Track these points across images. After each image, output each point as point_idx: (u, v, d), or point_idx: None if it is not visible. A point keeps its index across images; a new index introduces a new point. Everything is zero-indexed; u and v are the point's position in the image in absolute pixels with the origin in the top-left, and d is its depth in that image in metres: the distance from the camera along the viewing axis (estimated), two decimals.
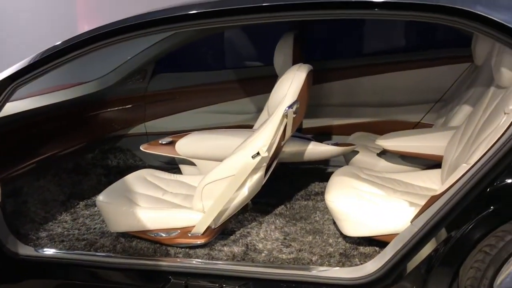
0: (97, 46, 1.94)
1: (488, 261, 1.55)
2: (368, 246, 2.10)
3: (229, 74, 3.51)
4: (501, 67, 1.80)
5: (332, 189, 2.09)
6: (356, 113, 3.13)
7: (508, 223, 1.53)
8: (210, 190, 2.05)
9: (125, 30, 1.90)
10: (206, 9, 1.82)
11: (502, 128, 1.63)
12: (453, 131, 2.27)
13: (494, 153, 1.57)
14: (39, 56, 1.99)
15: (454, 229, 1.62)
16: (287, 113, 1.98)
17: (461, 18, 1.59)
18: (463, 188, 1.61)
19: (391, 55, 3.16)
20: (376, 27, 3.17)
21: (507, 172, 1.55)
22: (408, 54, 3.11)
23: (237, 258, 2.11)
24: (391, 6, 1.69)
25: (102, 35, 1.91)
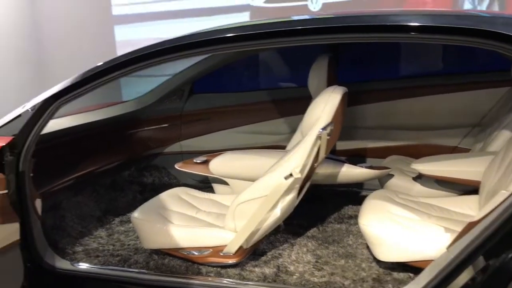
0: (136, 67, 2.01)
1: None
2: (402, 271, 2.05)
3: (263, 95, 3.55)
4: None
5: (366, 213, 2.06)
6: (391, 136, 3.10)
7: None
8: (242, 210, 2.07)
9: (162, 53, 1.96)
10: (243, 32, 1.87)
11: None
12: (492, 156, 2.22)
13: None
14: (81, 76, 2.08)
15: (492, 257, 1.57)
16: (320, 135, 1.99)
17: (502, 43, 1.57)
18: (502, 215, 1.56)
19: (429, 78, 3.12)
20: (413, 49, 3.15)
21: None
22: (447, 77, 3.06)
23: (268, 279, 2.10)
24: (430, 30, 1.68)
25: (141, 57, 1.98)
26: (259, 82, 3.74)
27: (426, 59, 3.20)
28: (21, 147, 2.09)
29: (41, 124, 2.11)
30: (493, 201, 1.68)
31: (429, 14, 1.91)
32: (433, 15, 1.86)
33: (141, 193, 3.28)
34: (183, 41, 1.96)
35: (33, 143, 2.11)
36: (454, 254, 1.65)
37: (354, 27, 1.77)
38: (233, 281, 2.07)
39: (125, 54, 2.02)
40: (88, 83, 2.06)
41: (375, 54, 3.20)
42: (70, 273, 2.20)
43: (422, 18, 1.78)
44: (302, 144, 2.02)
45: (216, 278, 2.10)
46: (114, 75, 2.03)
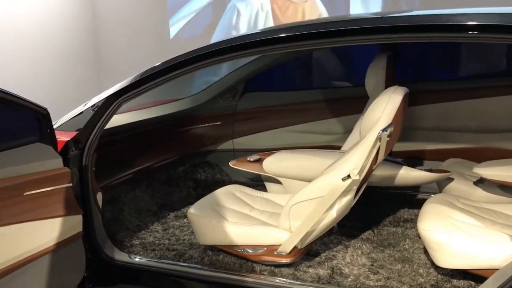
0: (194, 67, 2.04)
1: None
2: (462, 279, 1.98)
3: (317, 94, 3.52)
4: None
5: (425, 217, 2.01)
6: (451, 138, 2.99)
7: None
8: (297, 210, 2.06)
9: (219, 52, 1.98)
10: (297, 33, 1.86)
11: None
12: None
13: None
14: (141, 75, 2.14)
15: None
16: (380, 136, 1.95)
17: None
18: None
19: (490, 79, 2.99)
20: (475, 49, 3.03)
21: None
22: (509, 79, 2.92)
23: (322, 281, 2.08)
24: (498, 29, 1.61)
25: (197, 58, 2.01)
26: (312, 81, 3.71)
27: (487, 60, 3.07)
28: (85, 142, 2.18)
29: (104, 121, 2.20)
30: None
31: (494, 13, 1.83)
32: (499, 14, 1.78)
33: (194, 189, 3.34)
34: (240, 41, 1.98)
35: (96, 139, 2.19)
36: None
37: (414, 27, 1.72)
38: (287, 280, 2.07)
39: (184, 54, 2.06)
40: (148, 82, 2.12)
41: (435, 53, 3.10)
42: (128, 265, 2.27)
43: (490, 17, 1.71)
44: (361, 145, 1.98)
45: (270, 276, 2.11)
46: (172, 74, 2.08)
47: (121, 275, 2.31)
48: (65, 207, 2.00)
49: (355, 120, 3.00)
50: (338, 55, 3.51)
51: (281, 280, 2.06)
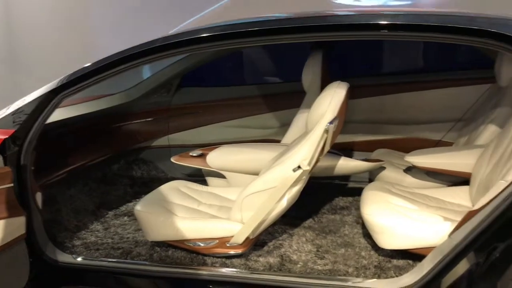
0: (126, 66, 2.04)
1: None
2: (401, 259, 2.16)
3: (252, 89, 3.60)
4: None
5: (367, 203, 2.16)
6: (379, 130, 3.22)
7: None
8: (250, 201, 2.12)
9: (153, 51, 1.99)
10: (234, 30, 1.94)
11: None
12: (481, 149, 2.36)
13: None
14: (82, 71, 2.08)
15: (493, 243, 1.68)
16: (328, 129, 2.06)
17: (503, 43, 1.68)
18: (502, 203, 1.68)
19: (414, 74, 3.26)
20: (402, 47, 3.28)
21: None
22: (432, 74, 3.21)
23: (273, 268, 2.16)
24: (422, 29, 1.79)
25: (131, 56, 2.00)
26: (247, 76, 3.79)
27: (412, 57, 3.33)
28: (23, 140, 2.07)
29: (44, 118, 2.11)
30: (493, 191, 1.80)
31: (421, 14, 2.03)
32: (426, 15, 1.98)
33: (131, 187, 3.28)
34: (173, 40, 1.99)
35: (35, 136, 2.10)
36: (457, 241, 1.77)
37: (346, 26, 1.88)
38: (240, 270, 2.12)
39: (116, 53, 2.04)
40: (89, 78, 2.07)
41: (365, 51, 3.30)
42: (72, 266, 2.20)
43: (418, 18, 1.90)
44: (310, 137, 2.09)
45: (224, 268, 2.15)
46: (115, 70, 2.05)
47: (66, 277, 2.23)
48: (7, 208, 1.89)
49: (290, 115, 3.12)
50: (271, 51, 3.61)
51: (236, 270, 2.12)
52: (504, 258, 1.68)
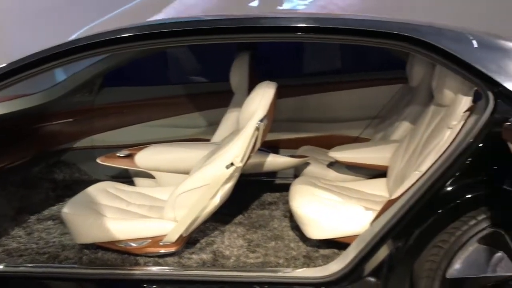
0: (47, 67, 1.98)
1: (442, 254, 1.80)
2: (327, 248, 2.29)
3: (178, 89, 3.60)
4: (443, 89, 2.10)
5: (296, 196, 2.27)
6: (303, 129, 3.36)
7: (457, 221, 1.79)
8: (183, 199, 2.14)
9: (75, 51, 1.95)
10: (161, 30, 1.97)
11: (448, 141, 1.91)
12: (396, 144, 2.56)
13: (443, 162, 1.84)
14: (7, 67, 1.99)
15: (411, 228, 1.85)
16: (259, 126, 2.14)
17: (412, 45, 1.86)
18: (418, 192, 1.85)
19: (334, 75, 3.44)
20: (323, 49, 3.45)
21: (454, 179, 1.81)
22: (350, 75, 3.41)
23: (207, 264, 2.20)
24: (346, 32, 1.94)
25: (52, 56, 1.95)
26: (173, 76, 3.78)
27: (333, 59, 3.52)
28: None
29: None
30: (408, 181, 1.99)
31: (341, 18, 2.18)
32: (345, 19, 2.14)
33: (53, 190, 3.15)
34: (98, 39, 1.96)
35: None
36: (378, 228, 1.92)
37: (267, 28, 1.98)
38: (175, 268, 2.14)
39: (36, 53, 1.98)
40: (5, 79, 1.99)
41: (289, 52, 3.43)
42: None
43: (336, 21, 2.05)
44: (241, 135, 2.15)
45: (157, 267, 2.15)
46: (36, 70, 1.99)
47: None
48: None
49: (217, 114, 3.17)
50: (197, 51, 3.63)
51: (170, 268, 2.13)
52: (420, 242, 1.86)
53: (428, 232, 1.83)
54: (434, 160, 1.91)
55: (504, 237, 1.78)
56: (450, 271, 1.81)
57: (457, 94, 2.02)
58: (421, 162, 2.03)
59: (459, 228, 1.79)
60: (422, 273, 1.86)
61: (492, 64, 1.82)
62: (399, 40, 1.87)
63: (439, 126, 2.08)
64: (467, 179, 1.80)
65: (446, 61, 1.85)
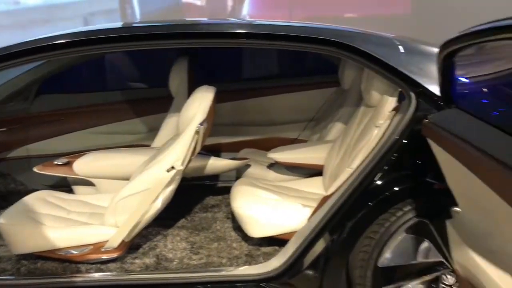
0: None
1: (373, 244, 1.93)
2: (268, 246, 2.36)
3: (117, 95, 3.57)
4: (370, 90, 2.24)
5: (236, 197, 2.33)
6: (243, 132, 3.43)
7: (386, 213, 1.92)
8: (124, 204, 2.15)
9: (8, 58, 1.95)
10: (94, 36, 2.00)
11: (376, 139, 2.05)
12: (330, 144, 2.69)
13: (372, 159, 1.97)
14: None
15: (345, 221, 1.97)
16: (199, 130, 2.19)
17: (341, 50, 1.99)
18: (350, 187, 1.97)
19: (272, 80, 3.55)
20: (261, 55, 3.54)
21: (382, 174, 1.95)
22: (287, 80, 3.53)
23: (150, 268, 2.22)
24: (280, 38, 2.04)
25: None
26: (112, 82, 3.74)
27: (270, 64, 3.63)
28: None
29: None
30: (341, 177, 2.11)
31: (276, 25, 2.29)
32: (280, 25, 2.25)
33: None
34: (30, 46, 1.96)
35: None
36: (315, 223, 2.02)
37: (207, 34, 2.07)
38: (118, 273, 2.14)
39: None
40: None
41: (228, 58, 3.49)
42: None
43: (272, 28, 2.15)
44: (181, 139, 2.19)
45: (100, 273, 2.14)
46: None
47: None
48: None
49: (157, 119, 3.18)
50: (136, 57, 3.62)
51: (113, 274, 2.13)
52: (353, 235, 1.98)
53: (360, 224, 1.95)
54: (364, 157, 2.05)
55: (428, 226, 1.94)
56: (381, 260, 1.94)
57: (383, 95, 2.16)
58: (352, 159, 2.16)
59: (388, 220, 1.93)
60: (356, 263, 1.98)
61: (414, 67, 1.98)
62: (330, 45, 1.99)
63: (368, 125, 2.22)
64: (394, 174, 1.94)
65: (372, 64, 1.99)
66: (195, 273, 2.14)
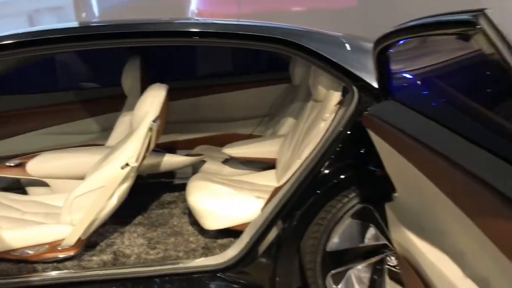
0: None
1: (322, 230, 2.04)
2: (224, 238, 2.44)
3: (69, 95, 3.54)
4: (317, 85, 2.35)
5: (192, 192, 2.40)
6: (198, 129, 3.48)
7: (333, 200, 2.04)
8: (79, 202, 2.17)
9: None
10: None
11: (322, 131, 2.16)
12: (283, 138, 2.79)
13: (319, 150, 2.08)
14: None
15: (295, 210, 2.07)
16: (152, 127, 2.24)
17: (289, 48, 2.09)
18: (299, 177, 2.08)
19: (225, 77, 3.62)
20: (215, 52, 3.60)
21: (328, 164, 2.07)
22: (241, 77, 3.60)
23: (108, 264, 2.25)
24: (230, 36, 2.13)
25: None
26: (63, 82, 3.70)
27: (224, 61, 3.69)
28: None
29: None
30: (292, 169, 2.21)
31: (227, 24, 2.37)
32: (232, 24, 2.33)
33: None
34: None
35: None
36: (267, 213, 2.12)
37: (153, 33, 2.12)
38: (74, 271, 2.16)
39: None
40: None
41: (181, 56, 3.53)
42: None
43: (224, 27, 2.23)
44: (135, 136, 2.23)
45: (55, 271, 2.15)
46: None
47: None
48: None
49: (111, 118, 3.19)
50: (86, 57, 3.60)
51: (70, 271, 2.15)
52: (303, 222, 2.08)
53: (309, 212, 2.06)
54: (312, 149, 2.16)
55: (372, 212, 2.07)
56: (330, 244, 2.06)
57: (329, 90, 2.28)
58: (302, 151, 2.27)
59: (335, 206, 2.04)
60: (306, 249, 2.09)
61: (356, 63, 2.10)
62: (279, 43, 2.09)
63: (316, 119, 2.33)
64: (339, 163, 2.07)
65: (317, 61, 2.10)
66: (152, 267, 2.18)
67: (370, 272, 2.14)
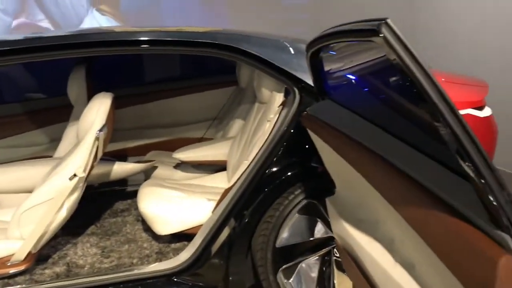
0: None
1: (271, 227, 2.11)
2: (178, 242, 2.47)
3: (13, 107, 3.46)
4: (261, 88, 2.43)
5: (143, 198, 2.42)
6: (148, 135, 3.49)
7: (280, 197, 2.12)
8: (28, 216, 2.15)
9: None
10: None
11: (267, 132, 2.23)
12: (232, 140, 2.85)
13: (265, 150, 2.15)
14: None
15: (244, 210, 2.14)
16: (98, 136, 2.24)
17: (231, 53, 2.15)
18: (247, 178, 2.14)
19: (172, 82, 3.64)
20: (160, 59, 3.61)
21: (274, 162, 2.14)
22: (188, 81, 3.63)
23: (61, 276, 2.23)
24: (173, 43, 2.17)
25: None
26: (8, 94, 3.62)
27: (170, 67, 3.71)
28: None
29: None
30: (240, 170, 2.27)
31: (171, 32, 2.40)
32: (176, 32, 2.36)
33: None
34: None
35: None
36: (218, 215, 2.17)
37: (99, 43, 2.14)
38: (25, 286, 2.14)
39: None
40: None
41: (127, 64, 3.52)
42: None
43: (168, 35, 2.26)
44: (81, 146, 2.23)
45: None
46: None
47: None
48: None
49: (58, 129, 3.15)
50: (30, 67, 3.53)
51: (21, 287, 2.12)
52: (252, 221, 2.15)
53: (258, 210, 2.13)
54: (259, 149, 2.22)
55: (317, 206, 2.16)
56: (279, 240, 2.14)
57: (272, 92, 2.36)
58: (250, 152, 2.33)
59: (282, 203, 2.12)
60: (257, 246, 2.16)
61: (296, 65, 2.19)
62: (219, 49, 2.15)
63: (261, 120, 2.41)
64: (284, 161, 2.14)
65: (259, 64, 2.17)
66: (106, 275, 2.19)
67: (319, 264, 2.24)
